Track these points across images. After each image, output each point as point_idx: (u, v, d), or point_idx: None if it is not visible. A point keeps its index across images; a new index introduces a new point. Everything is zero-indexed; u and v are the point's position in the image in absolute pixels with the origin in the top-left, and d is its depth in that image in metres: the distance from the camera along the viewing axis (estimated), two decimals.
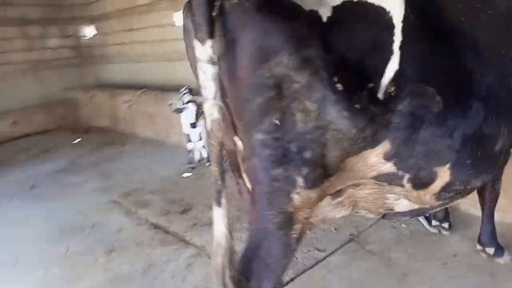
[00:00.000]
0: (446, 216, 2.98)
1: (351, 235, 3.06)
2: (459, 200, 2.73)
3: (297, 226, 1.58)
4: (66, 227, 3.41)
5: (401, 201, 1.82)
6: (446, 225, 2.94)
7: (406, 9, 1.50)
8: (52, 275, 2.77)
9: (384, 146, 1.54)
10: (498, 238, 2.65)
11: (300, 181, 1.47)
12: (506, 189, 2.89)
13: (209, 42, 1.35)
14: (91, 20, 8.68)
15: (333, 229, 3.17)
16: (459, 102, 1.64)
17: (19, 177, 4.67)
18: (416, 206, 1.87)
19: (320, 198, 1.62)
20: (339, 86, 1.39)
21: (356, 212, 1.94)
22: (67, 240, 3.22)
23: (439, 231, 2.96)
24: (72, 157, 5.37)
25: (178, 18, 5.65)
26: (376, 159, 1.59)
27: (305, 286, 2.56)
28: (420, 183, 1.70)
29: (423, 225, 3.04)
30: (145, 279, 2.70)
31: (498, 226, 2.83)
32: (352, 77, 1.42)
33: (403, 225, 3.13)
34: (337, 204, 1.80)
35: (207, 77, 1.39)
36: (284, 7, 1.39)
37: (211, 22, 1.34)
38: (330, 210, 1.81)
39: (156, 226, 3.37)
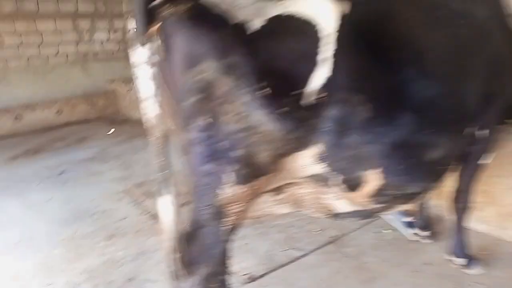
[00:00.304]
0: (427, 224, 2.96)
1: (331, 237, 3.12)
2: (446, 210, 2.73)
3: (229, 219, 1.69)
4: (78, 212, 3.76)
5: (341, 201, 1.90)
6: (426, 233, 2.93)
7: (340, 24, 1.56)
8: (54, 255, 3.10)
9: (315, 149, 1.65)
10: (485, 251, 2.66)
11: (229, 177, 1.58)
12: (494, 202, 2.86)
13: (147, 45, 1.54)
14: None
15: (318, 230, 3.25)
16: (391, 111, 1.69)
17: (52, 163, 5.13)
18: (358, 208, 1.93)
19: (255, 195, 1.73)
20: (266, 91, 1.49)
21: (303, 211, 2.04)
22: (76, 224, 3.55)
23: (420, 238, 2.95)
24: (103, 147, 5.79)
25: None
26: (309, 160, 1.70)
27: (275, 282, 2.68)
28: (353, 185, 1.78)
29: (401, 232, 3.05)
30: (134, 265, 2.96)
31: (485, 238, 2.80)
32: (279, 83, 1.52)
33: (386, 231, 3.15)
34: (279, 201, 1.93)
35: (147, 77, 1.57)
36: (212, 18, 1.49)
37: (148, 27, 1.51)
38: (272, 206, 1.94)
39: (155, 217, 3.64)
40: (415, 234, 2.95)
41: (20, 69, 7.89)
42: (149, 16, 1.51)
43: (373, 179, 1.76)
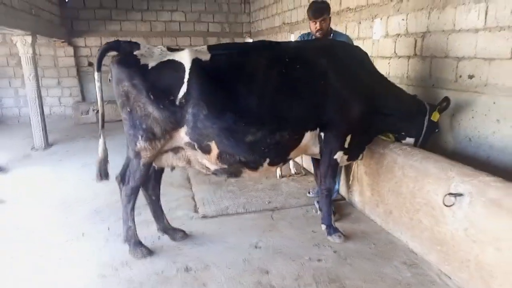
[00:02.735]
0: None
1: (273, 207, 4.38)
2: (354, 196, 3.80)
3: (143, 160, 3.25)
4: None
5: (206, 161, 3.31)
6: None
7: (192, 64, 3.07)
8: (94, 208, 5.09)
9: (184, 128, 3.16)
10: (365, 234, 3.74)
11: (140, 137, 3.16)
12: (382, 200, 3.80)
13: (98, 73, 3.17)
14: (252, 34, 11.21)
15: (268, 202, 4.54)
16: (219, 111, 3.08)
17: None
18: (217, 166, 3.31)
19: (159, 150, 3.24)
20: (152, 97, 3.07)
21: (195, 167, 3.47)
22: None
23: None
24: None
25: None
26: (183, 134, 3.20)
27: (217, 220, 4.10)
28: (206, 150, 3.21)
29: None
30: None
31: (378, 232, 3.76)
32: (160, 93, 3.08)
33: (312, 209, 4.27)
34: (177, 157, 3.40)
35: (98, 89, 3.26)
36: (131, 61, 3.10)
37: (101, 63, 3.15)
38: (174, 160, 3.42)
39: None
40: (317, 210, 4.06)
41: None
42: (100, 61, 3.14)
43: (214, 148, 3.17)
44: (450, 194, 2.82)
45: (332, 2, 6.14)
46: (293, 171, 5.40)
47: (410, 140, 3.81)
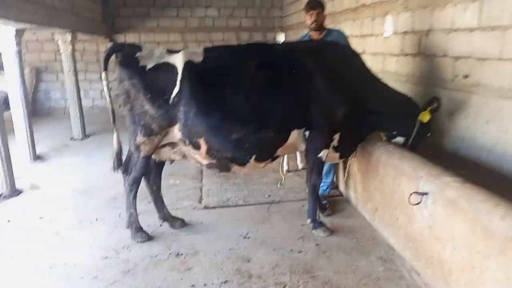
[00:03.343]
0: (322, 205, 4.18)
1: (272, 201, 4.61)
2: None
3: (142, 153, 3.59)
4: None
5: (197, 156, 3.60)
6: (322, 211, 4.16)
7: (184, 66, 3.35)
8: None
9: (177, 125, 3.46)
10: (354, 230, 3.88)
11: (139, 132, 3.51)
12: (370, 197, 3.93)
13: (105, 72, 3.57)
14: (283, 29, 11.34)
15: (267, 195, 4.77)
16: (207, 110, 3.35)
17: None
18: (207, 161, 3.59)
19: (156, 144, 3.57)
20: (148, 96, 3.41)
21: (191, 161, 3.77)
22: None
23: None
24: None
25: None
26: (176, 131, 3.51)
27: (218, 211, 4.42)
28: (196, 146, 3.50)
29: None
30: None
31: (365, 227, 3.91)
32: (156, 92, 3.40)
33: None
34: (174, 151, 3.74)
35: (105, 86, 3.63)
36: (132, 62, 3.45)
37: (107, 63, 3.55)
38: (171, 153, 3.76)
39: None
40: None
41: None
42: (107, 62, 3.53)
43: (203, 144, 3.44)
44: (416, 193, 2.91)
45: None
46: (300, 166, 5.57)
47: (401, 139, 3.87)
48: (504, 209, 2.20)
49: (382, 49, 5.53)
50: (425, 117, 3.71)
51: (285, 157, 5.44)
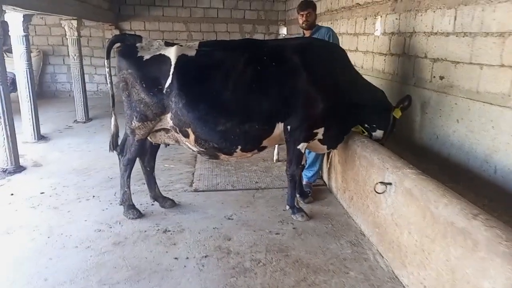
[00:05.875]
0: (304, 192, 4.48)
1: (258, 187, 4.91)
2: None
3: (137, 136, 3.89)
4: None
5: (187, 143, 3.90)
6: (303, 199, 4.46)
7: (177, 59, 3.63)
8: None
9: (169, 114, 3.74)
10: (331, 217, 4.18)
11: (135, 118, 3.81)
12: (348, 187, 4.21)
13: (108, 60, 3.88)
14: (285, 23, 11.56)
15: (255, 182, 5.07)
16: (195, 101, 3.63)
17: None
18: (196, 149, 3.88)
19: (151, 129, 3.88)
20: (144, 85, 3.70)
21: (183, 146, 4.06)
22: None
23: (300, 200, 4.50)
24: None
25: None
26: (169, 119, 3.80)
27: (206, 194, 4.72)
28: (185, 134, 3.78)
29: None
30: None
31: (341, 214, 4.19)
32: (151, 82, 3.69)
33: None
34: (168, 136, 4.01)
35: (108, 74, 3.94)
36: (131, 53, 3.75)
37: (109, 53, 3.85)
38: (165, 138, 4.04)
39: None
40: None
41: None
42: (109, 51, 3.83)
43: (191, 133, 3.73)
44: (381, 182, 3.20)
45: None
46: (275, 159, 5.85)
47: (380, 132, 4.14)
48: (448, 198, 2.49)
49: (372, 48, 5.77)
50: (398, 113, 3.99)
51: (276, 147, 5.71)
